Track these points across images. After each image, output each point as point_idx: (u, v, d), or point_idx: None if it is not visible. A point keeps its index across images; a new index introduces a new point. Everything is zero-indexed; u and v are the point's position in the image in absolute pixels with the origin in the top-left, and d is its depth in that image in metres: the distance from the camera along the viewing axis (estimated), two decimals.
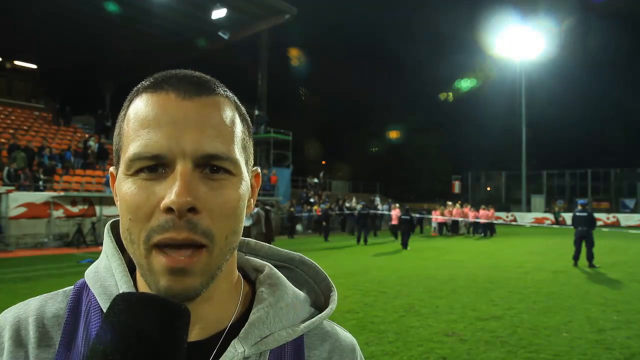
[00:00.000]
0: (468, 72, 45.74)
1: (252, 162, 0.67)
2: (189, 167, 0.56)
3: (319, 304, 0.73)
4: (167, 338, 0.48)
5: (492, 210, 25.42)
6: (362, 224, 20.09)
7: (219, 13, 24.56)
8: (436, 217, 25.95)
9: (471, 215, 25.29)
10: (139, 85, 0.62)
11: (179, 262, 0.55)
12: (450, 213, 25.53)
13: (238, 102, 0.66)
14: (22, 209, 16.35)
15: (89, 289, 0.66)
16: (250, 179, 0.66)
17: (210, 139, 0.58)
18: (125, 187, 0.58)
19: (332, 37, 53.46)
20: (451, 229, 25.75)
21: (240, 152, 0.62)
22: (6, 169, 16.80)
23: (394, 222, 20.93)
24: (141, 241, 0.56)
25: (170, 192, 0.55)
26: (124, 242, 0.60)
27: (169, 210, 0.55)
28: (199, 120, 0.58)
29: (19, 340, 0.62)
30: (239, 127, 0.63)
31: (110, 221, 0.71)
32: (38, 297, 0.67)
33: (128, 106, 0.62)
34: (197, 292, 0.57)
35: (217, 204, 0.57)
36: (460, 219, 25.46)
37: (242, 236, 0.71)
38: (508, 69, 40.33)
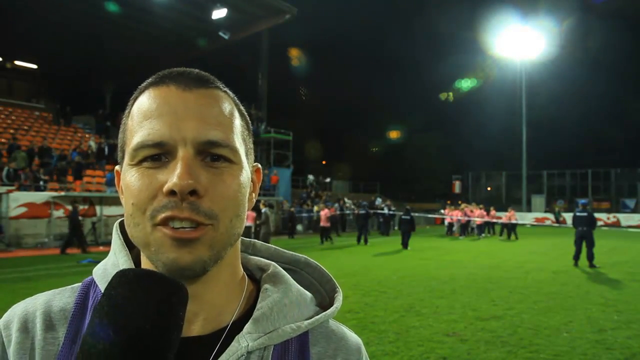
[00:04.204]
0: (468, 72, 45.79)
1: (252, 157, 0.69)
2: (190, 152, 0.58)
3: (324, 305, 0.73)
4: (164, 313, 0.48)
5: (492, 211, 25.26)
6: (362, 224, 20.10)
7: (219, 13, 24.57)
8: (451, 217, 25.68)
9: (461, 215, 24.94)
10: (143, 84, 0.65)
11: (185, 232, 0.56)
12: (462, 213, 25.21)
13: (237, 100, 0.67)
14: (23, 209, 16.36)
15: (97, 285, 0.68)
16: (251, 174, 0.67)
17: (210, 127, 0.59)
18: (129, 176, 0.60)
19: (332, 37, 53.43)
20: (468, 229, 25.23)
21: (240, 142, 0.63)
22: (5, 168, 16.80)
23: (323, 223, 20.22)
24: (146, 221, 0.57)
25: (173, 176, 0.56)
26: (128, 230, 0.61)
27: (171, 193, 0.56)
28: (199, 109, 0.60)
29: (25, 332, 0.64)
30: (237, 120, 0.64)
31: (119, 220, 0.72)
32: (47, 292, 0.69)
33: (132, 104, 0.64)
34: (204, 266, 0.58)
35: (218, 190, 0.59)
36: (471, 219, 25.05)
37: (247, 237, 0.72)
38: (508, 69, 40.38)
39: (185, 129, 0.58)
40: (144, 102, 0.61)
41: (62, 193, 17.68)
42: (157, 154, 0.58)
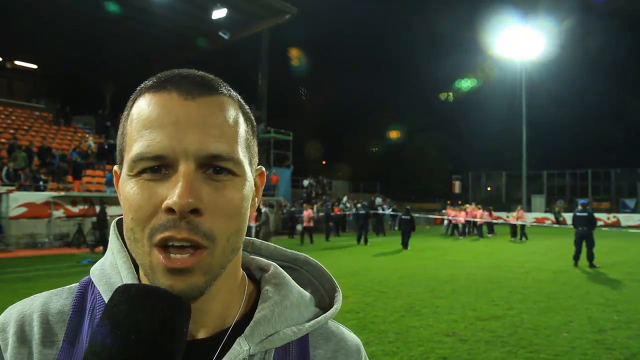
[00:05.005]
0: (468, 72, 45.74)
1: (256, 161, 0.67)
2: (192, 167, 0.56)
3: (323, 305, 0.73)
4: (167, 330, 0.47)
5: (486, 213, 25.16)
6: (362, 224, 20.10)
7: (219, 13, 24.58)
8: (457, 218, 25.50)
9: (462, 215, 24.88)
10: (142, 85, 0.62)
11: (178, 262, 0.55)
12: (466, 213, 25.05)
13: (242, 101, 0.65)
14: (23, 209, 16.35)
15: (95, 286, 0.67)
16: (255, 178, 0.66)
17: (214, 139, 0.57)
18: (128, 187, 0.58)
19: (332, 37, 53.49)
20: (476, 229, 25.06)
21: (244, 152, 0.61)
22: (5, 168, 16.81)
23: (306, 223, 19.95)
24: (145, 239, 0.56)
25: (173, 193, 0.54)
26: (127, 241, 0.60)
27: (170, 211, 0.54)
28: (201, 120, 0.57)
29: (22, 336, 0.62)
30: (242, 127, 0.62)
31: (116, 219, 0.71)
32: (43, 293, 0.67)
33: (131, 106, 0.62)
34: (200, 291, 0.57)
35: (220, 205, 0.57)
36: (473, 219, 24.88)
37: (248, 236, 0.71)
38: (508, 69, 40.33)
39: (187, 142, 0.56)
40: (143, 108, 0.59)
41: (62, 193, 17.68)
42: (157, 166, 0.56)
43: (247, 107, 0.66)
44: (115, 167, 0.65)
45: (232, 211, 0.58)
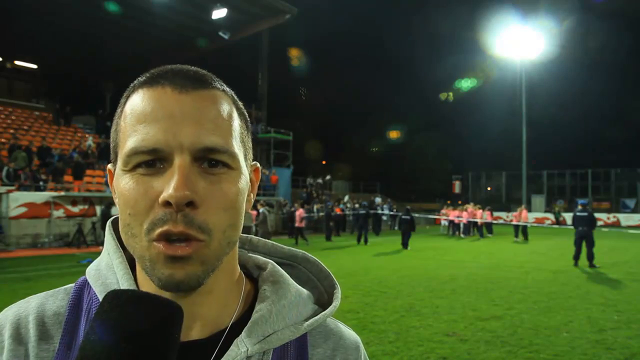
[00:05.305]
0: (468, 72, 45.76)
1: (250, 157, 0.67)
2: (187, 160, 0.56)
3: (322, 302, 0.73)
4: (158, 337, 0.47)
5: (488, 212, 25.15)
6: (362, 224, 20.10)
7: (219, 13, 24.58)
8: (457, 217, 25.42)
9: (464, 215, 24.92)
10: (135, 82, 0.62)
11: (177, 249, 0.55)
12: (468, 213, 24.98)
13: (235, 97, 0.65)
14: (23, 209, 16.35)
15: (91, 286, 0.66)
16: (250, 174, 0.65)
17: (208, 132, 0.57)
18: (123, 182, 0.57)
19: (332, 37, 53.51)
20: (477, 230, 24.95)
21: (239, 145, 0.61)
22: (5, 168, 16.80)
23: (297, 223, 19.73)
24: (143, 234, 0.56)
25: (169, 186, 0.54)
26: (123, 237, 0.59)
27: (167, 204, 0.54)
28: (196, 113, 0.57)
29: (19, 338, 0.62)
30: (236, 121, 0.62)
31: (111, 218, 0.70)
32: (39, 294, 0.67)
33: (125, 103, 0.61)
34: (199, 281, 0.57)
35: (215, 198, 0.57)
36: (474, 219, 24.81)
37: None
38: (508, 69, 40.30)
39: (182, 135, 0.56)
40: (137, 104, 0.59)
41: (62, 193, 17.68)
42: (152, 160, 0.56)
43: (240, 102, 0.66)
44: (109, 165, 0.65)
45: (228, 204, 0.58)
